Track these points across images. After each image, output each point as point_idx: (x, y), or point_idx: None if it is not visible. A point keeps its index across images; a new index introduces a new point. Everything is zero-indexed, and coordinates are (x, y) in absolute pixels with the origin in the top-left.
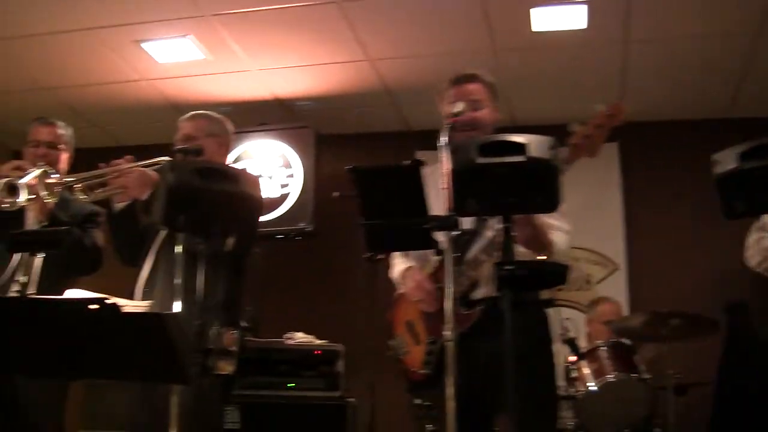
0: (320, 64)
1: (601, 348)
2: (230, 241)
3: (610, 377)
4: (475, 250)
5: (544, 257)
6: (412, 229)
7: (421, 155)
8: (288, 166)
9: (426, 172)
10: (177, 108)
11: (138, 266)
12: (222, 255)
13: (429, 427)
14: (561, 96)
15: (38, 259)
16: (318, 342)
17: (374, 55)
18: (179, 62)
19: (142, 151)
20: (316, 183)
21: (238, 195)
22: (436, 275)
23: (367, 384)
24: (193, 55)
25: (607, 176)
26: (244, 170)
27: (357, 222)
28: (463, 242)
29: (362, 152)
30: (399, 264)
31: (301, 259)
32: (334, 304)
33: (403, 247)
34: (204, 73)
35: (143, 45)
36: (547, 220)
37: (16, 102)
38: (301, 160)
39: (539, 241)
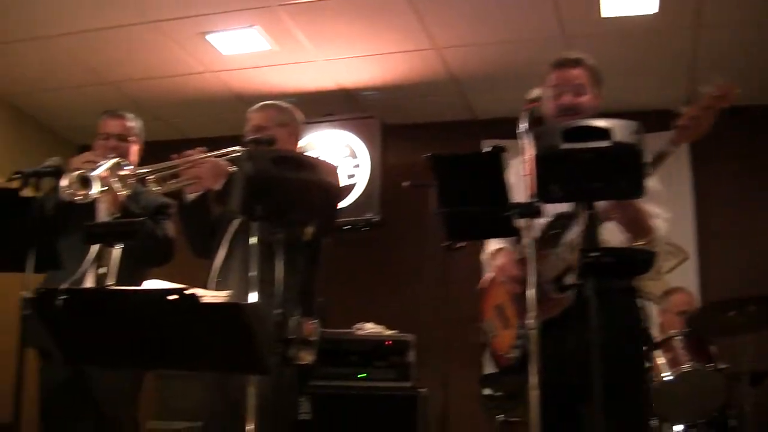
0: (386, 54)
1: (676, 338)
2: (309, 230)
3: (686, 367)
4: (572, 233)
5: (642, 243)
6: (493, 217)
7: (486, 144)
8: (354, 156)
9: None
10: (242, 100)
11: (209, 257)
12: (299, 244)
13: (500, 417)
14: (631, 82)
15: (116, 251)
16: (388, 332)
17: (441, 43)
18: (244, 53)
19: (207, 144)
20: (383, 173)
21: (316, 184)
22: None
23: (439, 374)
24: (258, 46)
25: (677, 163)
26: (321, 159)
27: (434, 211)
28: (560, 225)
29: (428, 141)
30: (491, 245)
31: (368, 249)
32: (402, 294)
33: (484, 235)
34: (269, 64)
35: (208, 37)
36: (648, 206)
37: (80, 97)
38: (368, 150)
39: (640, 225)
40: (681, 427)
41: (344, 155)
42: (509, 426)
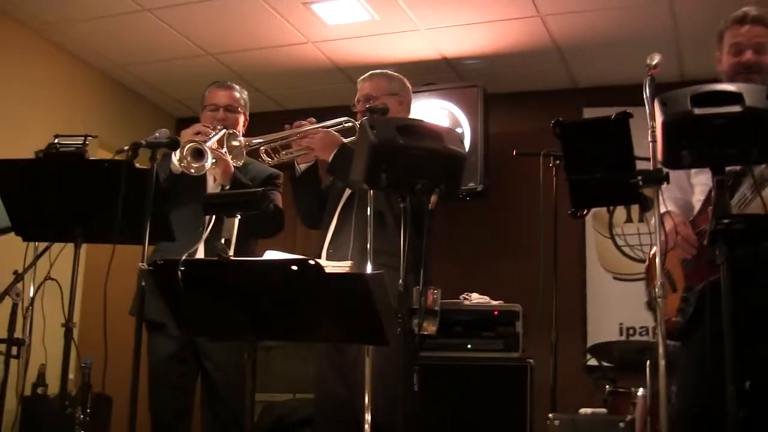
0: (489, 21)
1: None
2: (434, 199)
3: None
4: (743, 188)
5: None
6: (620, 184)
7: (588, 112)
8: (456, 125)
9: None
10: (342, 71)
11: (319, 228)
12: (417, 214)
13: (608, 387)
14: None
15: (236, 222)
16: (495, 302)
17: (544, 10)
18: (346, 23)
19: (307, 115)
20: (484, 142)
21: (441, 152)
22: (696, 220)
23: (545, 344)
24: (360, 16)
25: None
26: (445, 126)
27: (565, 178)
28: (730, 182)
29: (529, 110)
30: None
31: (471, 219)
32: (507, 264)
33: (610, 202)
34: (371, 33)
35: (313, 6)
36: None
37: (180, 69)
38: (469, 119)
39: None
40: None
41: (446, 125)
42: (617, 396)
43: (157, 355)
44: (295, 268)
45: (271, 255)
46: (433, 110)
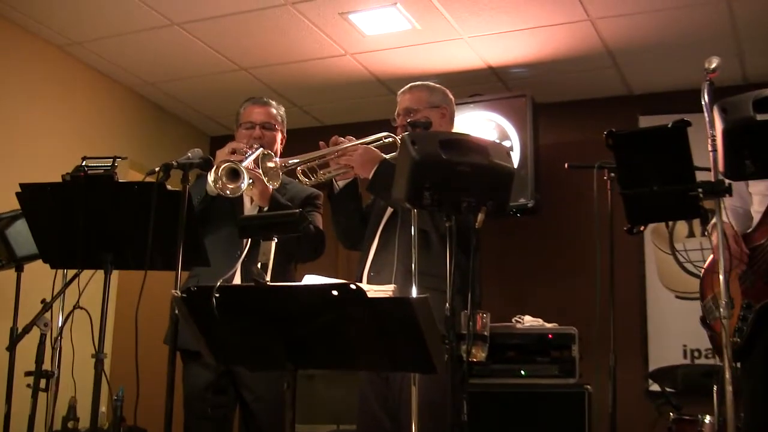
0: (536, 27)
1: None
2: (481, 218)
3: None
4: None
5: None
6: (679, 197)
7: (644, 121)
8: (504, 138)
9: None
10: (382, 83)
11: (359, 249)
12: (464, 233)
13: (672, 415)
14: None
15: (273, 245)
16: (549, 325)
17: (594, 14)
18: (386, 33)
19: (346, 130)
20: (535, 155)
21: (488, 167)
22: (755, 233)
23: (602, 368)
24: (400, 25)
25: None
26: (492, 140)
27: (619, 192)
28: None
29: (581, 120)
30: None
31: (522, 237)
32: (559, 284)
33: (668, 216)
34: (411, 43)
35: (350, 17)
36: None
37: (211, 85)
38: (518, 131)
39: None
40: None
41: (493, 138)
42: (682, 424)
43: (193, 386)
44: (335, 293)
45: (310, 280)
46: (479, 123)
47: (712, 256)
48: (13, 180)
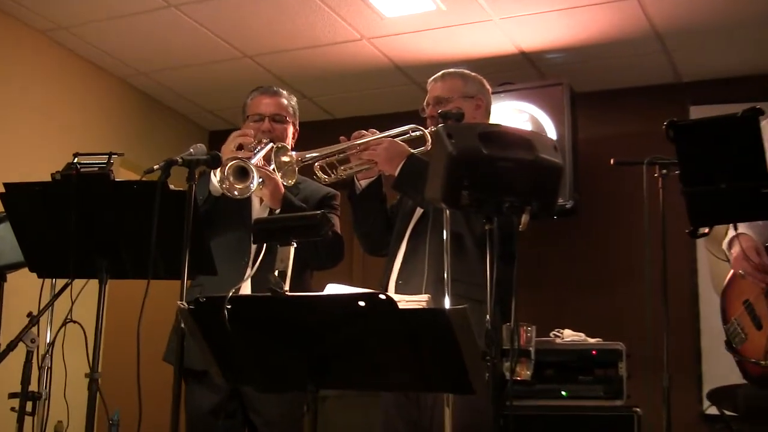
0: (575, 7)
1: None
2: (525, 219)
3: None
4: None
5: None
6: (749, 195)
7: (696, 111)
8: (539, 132)
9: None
10: (402, 71)
11: (383, 254)
12: (505, 237)
13: None
14: None
15: (292, 251)
16: (592, 340)
17: None
18: (407, 15)
19: (359, 124)
20: (573, 150)
21: (533, 163)
22: None
23: (658, 389)
24: (423, 5)
25: None
26: (536, 133)
27: (680, 190)
28: None
29: (626, 111)
30: (731, 231)
31: (560, 242)
32: (604, 294)
33: (737, 217)
34: (436, 26)
35: None
36: None
37: (211, 74)
38: (554, 123)
39: None
40: None
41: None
42: None
43: (197, 409)
44: (362, 303)
45: (333, 289)
46: (510, 114)
47: (731, 272)
48: None
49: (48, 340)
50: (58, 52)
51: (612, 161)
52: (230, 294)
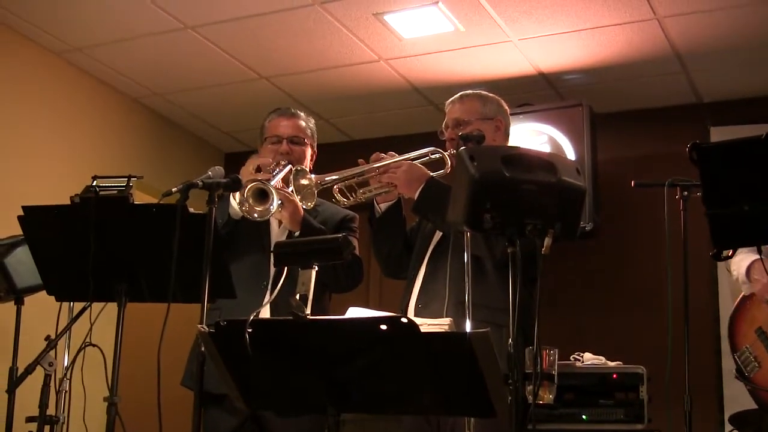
0: (594, 28)
1: None
2: (548, 242)
3: None
4: None
5: None
6: None
7: (716, 133)
8: (558, 153)
9: None
10: (420, 92)
11: (402, 278)
12: (526, 260)
13: None
14: None
15: (314, 274)
16: (612, 364)
17: (663, 11)
18: (425, 36)
19: (377, 146)
20: (593, 171)
21: (556, 185)
22: None
23: (680, 412)
24: (441, 26)
25: None
26: (558, 155)
27: (703, 212)
28: None
29: (646, 132)
30: (743, 258)
31: (579, 264)
32: (624, 317)
33: (761, 239)
34: (454, 47)
35: (386, 17)
36: None
37: (227, 96)
38: (573, 145)
39: None
40: None
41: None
42: None
43: None
44: (384, 327)
45: (354, 312)
46: (529, 135)
47: (739, 298)
48: (13, 201)
49: (66, 364)
50: (73, 73)
51: (632, 183)
52: (251, 317)
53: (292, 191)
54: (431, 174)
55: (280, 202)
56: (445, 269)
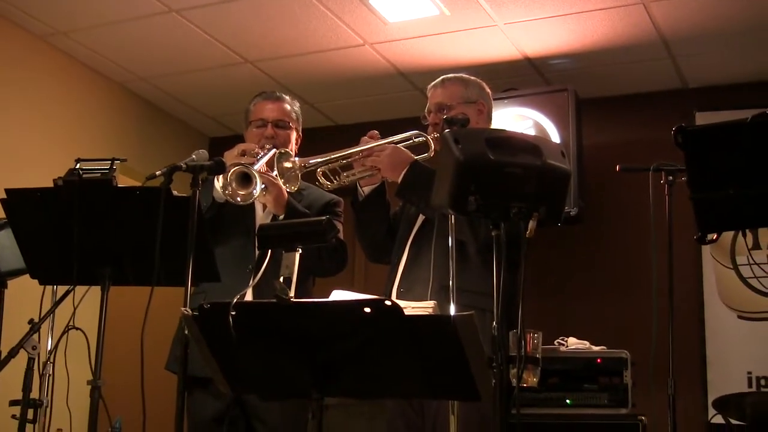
0: (580, 12)
1: None
2: (532, 225)
3: None
4: None
5: None
6: (759, 201)
7: (702, 117)
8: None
9: None
10: (405, 77)
11: (386, 262)
12: (510, 244)
13: None
14: None
15: (298, 257)
16: (597, 348)
17: None
18: (410, 20)
19: (362, 130)
20: (578, 157)
21: (541, 168)
22: None
23: (664, 397)
24: (427, 10)
25: None
26: (543, 138)
27: (688, 196)
28: None
29: (631, 117)
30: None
31: (564, 249)
32: (609, 302)
33: (746, 223)
34: (439, 31)
35: (371, 1)
36: None
37: (212, 80)
38: (558, 129)
39: None
40: None
41: None
42: None
43: (200, 417)
44: (368, 310)
45: (338, 295)
46: (514, 120)
47: None
48: None
49: (49, 347)
50: (57, 57)
51: (617, 168)
52: (234, 300)
53: (276, 175)
54: (415, 157)
55: (263, 186)
56: (428, 254)
